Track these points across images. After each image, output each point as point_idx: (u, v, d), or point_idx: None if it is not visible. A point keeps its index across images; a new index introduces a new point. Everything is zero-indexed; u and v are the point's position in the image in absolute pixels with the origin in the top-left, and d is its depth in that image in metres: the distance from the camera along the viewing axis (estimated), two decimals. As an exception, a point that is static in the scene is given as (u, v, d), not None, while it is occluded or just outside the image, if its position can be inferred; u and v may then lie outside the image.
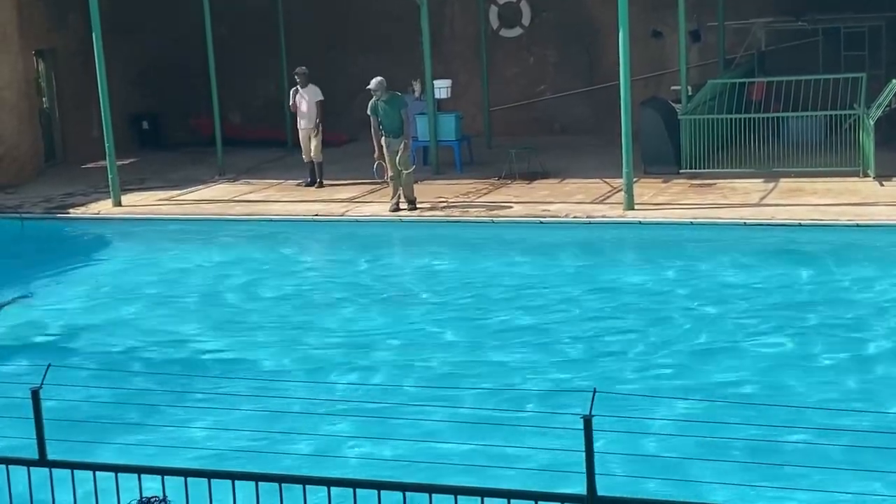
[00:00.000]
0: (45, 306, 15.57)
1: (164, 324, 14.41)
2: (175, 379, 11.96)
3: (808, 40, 24.59)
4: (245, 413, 10.44)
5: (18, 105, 23.64)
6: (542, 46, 26.39)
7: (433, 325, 13.73)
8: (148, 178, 23.43)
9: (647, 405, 10.48)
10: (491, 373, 12.01)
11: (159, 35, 26.58)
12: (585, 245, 17.25)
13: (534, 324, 13.60)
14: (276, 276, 16.48)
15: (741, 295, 14.23)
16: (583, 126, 25.76)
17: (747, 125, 20.33)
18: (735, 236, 16.92)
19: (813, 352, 12.15)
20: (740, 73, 23.40)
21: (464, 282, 15.68)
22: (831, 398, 10.70)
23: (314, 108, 21.71)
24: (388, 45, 26.09)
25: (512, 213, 18.56)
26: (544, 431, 9.36)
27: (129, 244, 19.14)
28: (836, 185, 18.86)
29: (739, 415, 9.91)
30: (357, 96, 21.76)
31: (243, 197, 21.13)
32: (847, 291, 14.29)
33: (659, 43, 25.30)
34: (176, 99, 27.32)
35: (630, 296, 14.57)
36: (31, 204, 21.30)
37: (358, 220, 19.06)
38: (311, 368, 12.35)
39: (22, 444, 6.75)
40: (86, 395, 10.47)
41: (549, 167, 21.68)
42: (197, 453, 9.64)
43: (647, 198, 18.70)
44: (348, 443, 9.97)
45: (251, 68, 27.20)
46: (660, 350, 12.46)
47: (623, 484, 7.60)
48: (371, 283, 16.03)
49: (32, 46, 24.80)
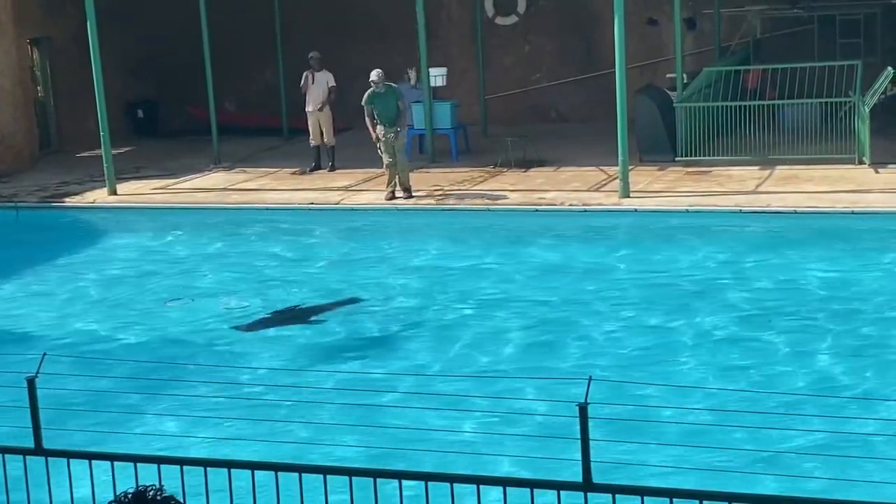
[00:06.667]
0: (42, 295, 15.57)
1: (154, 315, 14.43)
2: (167, 368, 11.97)
3: (803, 28, 24.57)
4: (237, 401, 10.47)
5: (13, 93, 23.59)
6: (538, 34, 26.36)
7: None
8: (144, 167, 23.39)
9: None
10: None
11: (155, 23, 26.51)
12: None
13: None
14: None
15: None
16: (579, 114, 25.74)
17: (743, 113, 20.31)
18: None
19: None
20: (736, 60, 23.39)
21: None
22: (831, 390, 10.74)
23: (325, 91, 21.71)
24: (384, 33, 26.07)
25: (508, 202, 18.57)
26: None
27: (123, 232, 19.15)
28: (831, 172, 18.86)
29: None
30: (353, 84, 21.72)
31: (239, 185, 21.11)
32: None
33: (654, 30, 25.27)
34: (172, 87, 27.27)
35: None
36: (26, 193, 21.26)
37: (354, 209, 19.05)
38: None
39: (18, 433, 6.75)
40: (82, 384, 10.47)
41: (545, 155, 21.67)
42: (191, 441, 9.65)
43: (643, 185, 18.69)
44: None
45: (247, 56, 27.15)
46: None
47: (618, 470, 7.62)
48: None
49: (28, 35, 24.75)
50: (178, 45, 26.26)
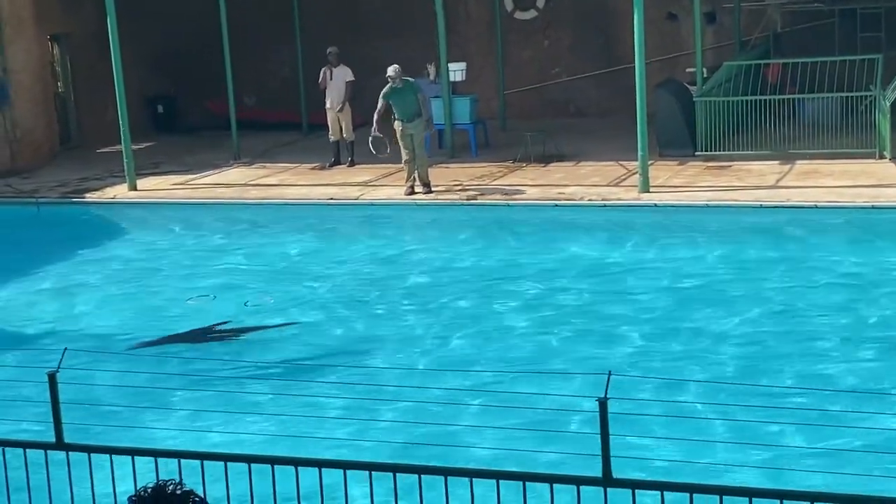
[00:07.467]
0: (62, 289, 15.62)
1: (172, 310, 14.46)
2: (191, 363, 11.98)
3: (824, 21, 24.45)
4: (267, 397, 10.47)
5: (34, 89, 23.67)
6: (557, 29, 26.31)
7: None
8: (163, 162, 23.44)
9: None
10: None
11: (174, 18, 26.55)
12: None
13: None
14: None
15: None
16: (598, 109, 25.68)
17: (763, 107, 20.22)
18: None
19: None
20: (756, 54, 23.31)
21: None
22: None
23: (344, 87, 21.74)
24: (402, 28, 26.05)
25: (527, 197, 18.55)
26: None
27: (143, 228, 19.21)
28: (852, 166, 18.78)
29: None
30: (372, 79, 21.70)
31: (259, 181, 21.14)
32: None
33: (674, 25, 25.21)
34: (191, 82, 27.31)
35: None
36: (46, 188, 21.34)
37: (373, 204, 19.06)
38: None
39: (39, 429, 6.77)
40: (102, 378, 10.50)
41: (565, 150, 21.64)
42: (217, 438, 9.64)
43: (663, 180, 18.65)
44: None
45: (266, 51, 27.19)
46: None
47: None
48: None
49: (48, 31, 24.83)
50: (196, 40, 26.30)
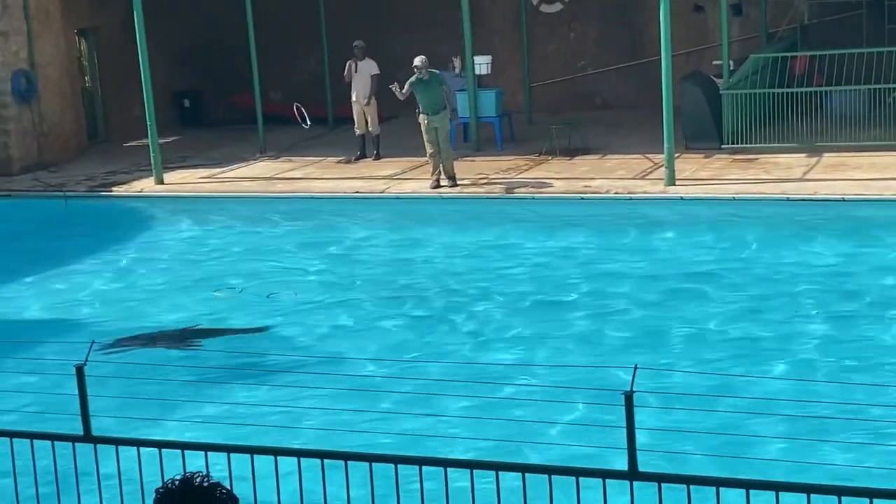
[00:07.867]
0: (91, 283, 15.70)
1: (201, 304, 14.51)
2: (216, 357, 12.03)
3: (851, 13, 24.30)
4: (285, 390, 10.49)
5: (61, 83, 23.77)
6: (583, 21, 26.24)
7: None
8: (190, 156, 23.51)
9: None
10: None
11: (201, 13, 26.62)
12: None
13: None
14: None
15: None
16: (624, 101, 25.61)
17: (790, 99, 20.13)
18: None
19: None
20: (783, 46, 23.19)
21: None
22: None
23: (369, 81, 21.75)
24: (428, 22, 26.01)
25: (553, 190, 18.52)
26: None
27: (170, 221, 19.27)
28: (880, 159, 18.67)
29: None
30: (397, 73, 21.69)
31: (285, 174, 21.17)
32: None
33: (700, 17, 25.10)
34: (217, 77, 27.37)
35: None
36: (74, 182, 21.44)
37: (399, 198, 19.07)
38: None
39: (68, 421, 6.80)
40: (129, 371, 10.55)
41: (590, 143, 21.60)
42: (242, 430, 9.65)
43: (689, 173, 18.59)
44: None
45: (292, 45, 27.21)
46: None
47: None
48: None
49: (75, 25, 24.93)
50: (222, 34, 26.35)
